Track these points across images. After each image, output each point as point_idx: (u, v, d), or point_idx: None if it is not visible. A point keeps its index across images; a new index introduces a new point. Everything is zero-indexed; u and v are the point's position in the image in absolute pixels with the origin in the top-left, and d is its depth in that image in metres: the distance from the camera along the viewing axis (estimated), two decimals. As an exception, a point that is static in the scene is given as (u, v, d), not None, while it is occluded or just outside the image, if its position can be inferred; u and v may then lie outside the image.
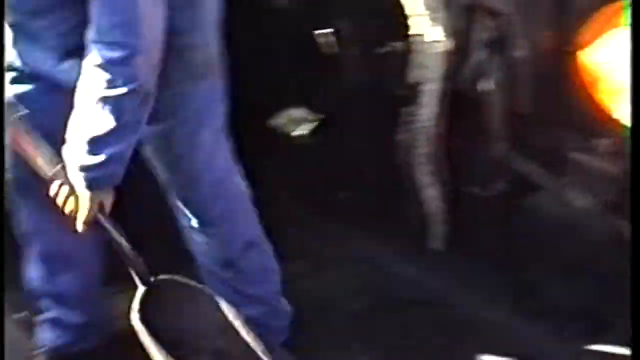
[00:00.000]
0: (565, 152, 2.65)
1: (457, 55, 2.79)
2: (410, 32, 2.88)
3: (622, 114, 2.48)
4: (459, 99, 2.83)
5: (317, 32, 3.26)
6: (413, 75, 2.89)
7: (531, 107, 2.68)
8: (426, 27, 2.81)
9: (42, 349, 2.55)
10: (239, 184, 2.40)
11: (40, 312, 2.55)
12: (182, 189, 2.32)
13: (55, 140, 2.03)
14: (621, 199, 2.44)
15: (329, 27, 3.23)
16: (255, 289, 2.47)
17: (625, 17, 2.59)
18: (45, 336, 2.56)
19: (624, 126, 2.45)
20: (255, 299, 2.46)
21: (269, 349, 2.09)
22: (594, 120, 2.57)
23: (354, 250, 3.19)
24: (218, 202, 2.34)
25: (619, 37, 2.63)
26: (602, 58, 2.63)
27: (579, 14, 2.57)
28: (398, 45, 2.99)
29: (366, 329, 2.77)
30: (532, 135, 2.75)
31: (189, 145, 2.24)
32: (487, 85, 2.71)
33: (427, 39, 2.82)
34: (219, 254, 2.41)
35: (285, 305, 2.58)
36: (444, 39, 2.79)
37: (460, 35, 2.76)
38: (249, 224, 2.45)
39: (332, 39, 3.20)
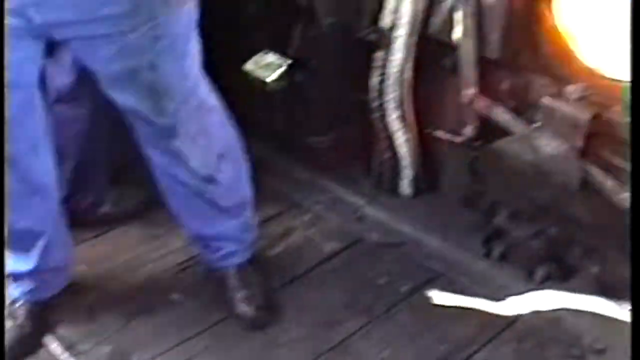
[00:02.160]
0: (534, 97, 2.73)
1: (428, 1, 2.85)
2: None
3: (594, 60, 2.64)
4: (429, 45, 2.91)
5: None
6: (385, 20, 2.94)
7: (501, 52, 2.76)
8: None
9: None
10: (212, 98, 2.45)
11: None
12: (159, 114, 2.27)
13: None
14: (589, 144, 2.58)
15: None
16: (231, 200, 2.57)
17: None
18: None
19: (594, 72, 2.61)
20: (231, 211, 2.58)
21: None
22: (564, 66, 2.67)
23: (326, 193, 3.26)
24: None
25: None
26: (574, 3, 2.73)
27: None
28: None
29: (339, 269, 2.91)
30: (501, 81, 2.84)
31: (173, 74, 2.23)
32: (457, 31, 2.77)
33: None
34: (200, 170, 2.44)
35: (254, 218, 2.71)
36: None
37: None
38: (222, 136, 2.50)
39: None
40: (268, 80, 3.13)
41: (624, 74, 2.56)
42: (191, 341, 2.56)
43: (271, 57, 3.17)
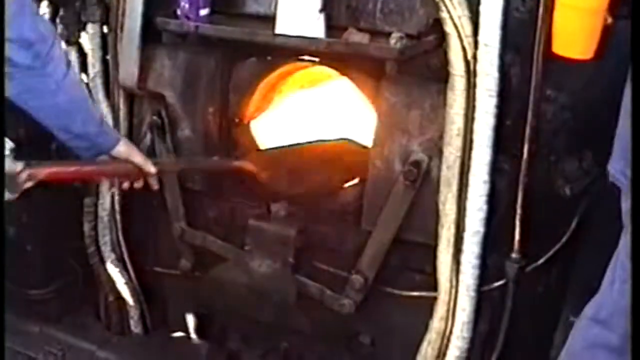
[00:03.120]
0: (242, 221, 2.81)
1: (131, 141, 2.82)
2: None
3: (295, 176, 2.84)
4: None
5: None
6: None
7: (204, 182, 2.87)
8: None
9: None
10: None
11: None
12: None
13: None
14: (299, 258, 2.70)
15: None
16: None
17: (287, 85, 2.93)
18: None
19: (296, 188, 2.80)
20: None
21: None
22: (266, 186, 2.81)
23: (57, 343, 3.19)
24: None
25: (283, 104, 2.98)
26: (269, 125, 2.95)
27: (241, 87, 2.80)
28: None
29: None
30: (208, 209, 2.93)
31: None
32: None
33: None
34: None
35: None
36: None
37: (129, 119, 2.95)
38: None
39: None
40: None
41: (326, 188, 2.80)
42: None
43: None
